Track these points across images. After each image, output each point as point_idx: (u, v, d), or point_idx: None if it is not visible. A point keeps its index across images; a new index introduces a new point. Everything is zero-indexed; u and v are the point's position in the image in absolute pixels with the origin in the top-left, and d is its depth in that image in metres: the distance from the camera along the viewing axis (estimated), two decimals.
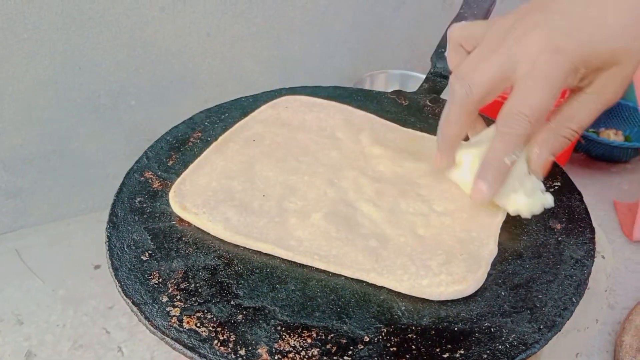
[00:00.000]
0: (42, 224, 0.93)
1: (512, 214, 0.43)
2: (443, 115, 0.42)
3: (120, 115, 0.92)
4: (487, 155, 0.40)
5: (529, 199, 0.42)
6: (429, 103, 0.61)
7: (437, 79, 0.63)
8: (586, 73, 0.38)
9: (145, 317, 0.36)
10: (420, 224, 0.43)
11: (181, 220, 0.44)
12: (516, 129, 0.38)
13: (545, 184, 0.49)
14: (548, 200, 0.43)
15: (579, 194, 0.48)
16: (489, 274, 0.40)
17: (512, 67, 0.37)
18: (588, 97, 0.39)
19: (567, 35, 0.37)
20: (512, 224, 0.45)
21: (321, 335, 0.35)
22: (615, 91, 0.39)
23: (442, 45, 0.63)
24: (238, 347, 0.35)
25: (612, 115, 1.25)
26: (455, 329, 0.36)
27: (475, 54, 0.40)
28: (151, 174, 0.50)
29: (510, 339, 0.35)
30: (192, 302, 0.38)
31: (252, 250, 0.42)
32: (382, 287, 0.39)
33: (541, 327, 0.36)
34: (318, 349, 0.35)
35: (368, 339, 0.35)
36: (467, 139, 0.46)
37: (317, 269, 0.40)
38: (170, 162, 0.51)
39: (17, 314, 0.74)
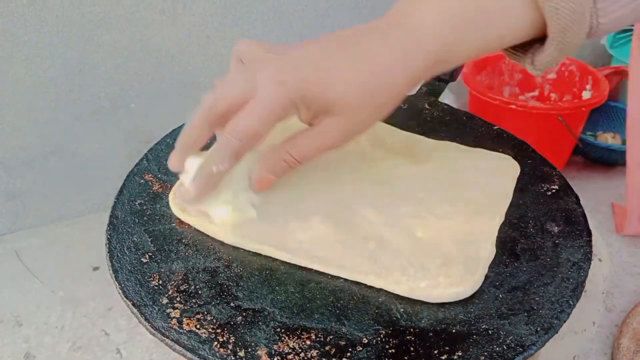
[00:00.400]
0: (41, 225, 0.94)
1: (218, 224, 0.43)
2: (187, 121, 0.43)
3: (119, 117, 0.92)
4: (203, 161, 0.42)
5: (236, 212, 0.43)
6: (427, 106, 0.62)
7: (436, 83, 0.64)
8: (314, 112, 0.40)
9: (145, 319, 0.37)
10: (419, 226, 0.43)
11: (181, 222, 0.45)
12: (226, 144, 0.40)
13: (543, 187, 0.50)
14: (251, 213, 0.44)
15: (576, 196, 0.49)
16: (487, 277, 0.40)
17: (252, 90, 0.39)
18: (313, 134, 0.41)
19: (292, 72, 0.38)
20: (510, 226, 0.45)
21: (320, 337, 0.36)
22: (335, 138, 0.41)
23: None
24: (237, 348, 0.35)
25: (609, 118, 1.26)
26: (453, 331, 0.36)
27: (234, 69, 0.42)
28: (151, 177, 0.50)
29: (508, 341, 0.36)
30: (192, 304, 0.38)
31: (252, 252, 0.42)
32: (380, 289, 0.39)
33: (538, 329, 0.36)
34: (317, 351, 0.35)
35: (366, 341, 0.36)
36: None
37: (316, 271, 0.40)
38: None
39: (16, 315, 0.74)
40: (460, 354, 0.35)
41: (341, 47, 0.40)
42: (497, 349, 0.35)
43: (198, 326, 0.36)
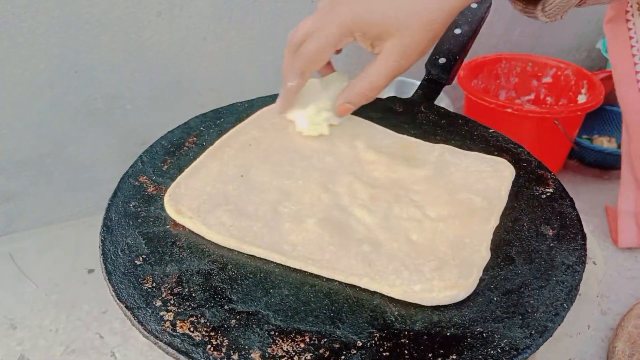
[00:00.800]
0: (36, 227, 0.93)
1: (297, 129, 0.54)
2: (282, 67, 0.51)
3: (115, 119, 0.92)
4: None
5: (312, 125, 0.53)
6: (423, 109, 0.62)
7: (432, 86, 0.64)
8: (369, 38, 0.46)
9: (139, 322, 0.36)
10: (414, 229, 0.43)
11: (175, 224, 0.45)
12: (295, 64, 0.48)
13: (538, 190, 0.50)
14: (324, 130, 0.53)
15: (571, 200, 0.49)
16: (481, 280, 0.40)
17: (316, 26, 0.47)
18: (377, 62, 0.47)
19: (347, 4, 0.45)
20: (505, 229, 0.45)
21: (314, 340, 0.36)
22: (397, 60, 0.46)
23: (436, 52, 0.64)
24: (231, 351, 0.35)
25: (605, 122, 1.26)
26: (448, 334, 0.36)
27: (304, 21, 0.49)
28: (146, 179, 0.50)
29: (502, 344, 0.35)
30: (186, 307, 0.38)
31: (246, 254, 0.42)
32: (375, 292, 0.39)
33: (533, 332, 0.36)
34: (311, 354, 0.35)
35: (361, 344, 0.35)
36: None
37: (310, 274, 0.40)
38: (165, 167, 0.51)
39: (10, 318, 0.74)
40: (454, 357, 0.35)
41: None
42: (492, 352, 0.35)
43: (192, 329, 0.36)
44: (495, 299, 0.39)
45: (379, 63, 0.47)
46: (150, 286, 0.39)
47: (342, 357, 0.35)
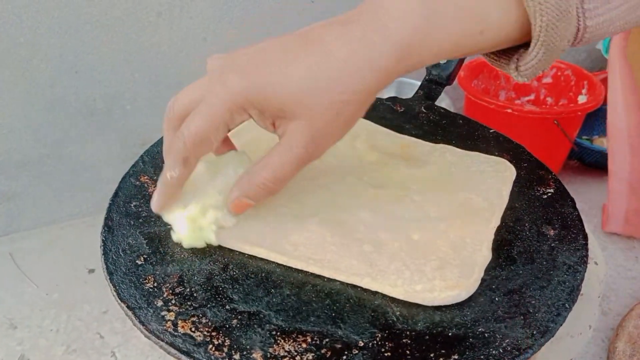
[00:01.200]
0: (36, 227, 0.93)
1: (174, 238, 0.42)
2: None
3: (115, 119, 0.92)
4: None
5: (195, 231, 0.41)
6: (423, 110, 0.62)
7: (432, 86, 0.64)
8: (269, 117, 0.37)
9: (140, 322, 0.36)
10: (415, 229, 0.43)
11: None
12: (174, 148, 0.38)
13: (538, 190, 0.50)
14: (210, 238, 0.41)
15: (572, 200, 0.49)
16: (483, 280, 0.40)
17: (204, 93, 0.37)
18: (280, 148, 0.38)
19: (236, 72, 0.36)
20: (506, 230, 0.45)
21: (316, 340, 0.36)
22: (304, 146, 0.37)
23: None
24: (233, 351, 0.35)
25: (605, 123, 1.26)
26: (450, 334, 0.36)
27: (190, 86, 0.40)
28: (147, 178, 0.50)
29: (504, 344, 0.35)
30: (187, 307, 0.38)
31: (248, 254, 0.42)
32: (376, 292, 0.39)
33: (534, 332, 0.36)
34: (313, 354, 0.35)
35: (362, 344, 0.35)
36: None
37: (312, 274, 0.40)
38: None
39: (10, 318, 0.74)
40: (456, 357, 0.35)
41: (296, 41, 0.36)
42: (494, 352, 0.35)
43: (193, 329, 0.36)
44: (496, 299, 0.39)
45: (283, 149, 0.37)
46: (151, 286, 0.39)
47: (344, 357, 0.35)
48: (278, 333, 0.36)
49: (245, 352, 0.35)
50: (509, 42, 0.36)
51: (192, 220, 0.41)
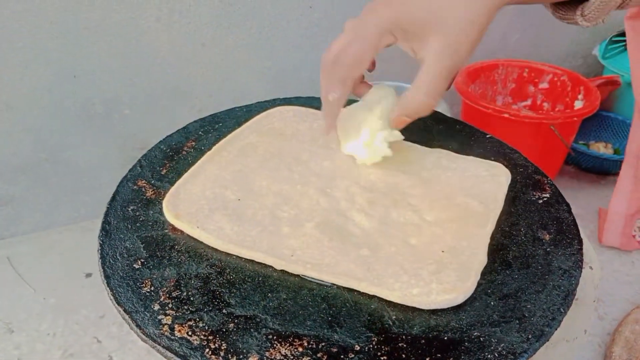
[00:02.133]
0: (34, 232, 0.93)
1: (359, 162, 0.51)
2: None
3: (113, 124, 0.92)
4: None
5: (372, 152, 0.50)
6: None
7: None
8: (411, 37, 0.44)
9: (137, 325, 0.37)
10: (412, 233, 0.44)
11: (174, 228, 0.45)
12: (333, 73, 0.45)
13: (534, 195, 0.50)
14: (386, 152, 0.50)
15: (567, 205, 0.49)
16: (479, 284, 0.40)
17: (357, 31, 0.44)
18: (428, 66, 0.43)
19: (386, 4, 0.43)
20: (501, 234, 0.45)
21: (312, 344, 0.36)
22: (450, 57, 0.43)
23: None
24: (229, 355, 0.35)
25: (602, 128, 1.27)
26: (445, 338, 0.36)
27: (336, 39, 0.46)
28: (145, 183, 0.50)
29: (499, 349, 0.36)
30: (184, 311, 0.38)
31: (245, 259, 0.42)
32: (373, 296, 0.39)
33: (529, 336, 0.37)
34: (309, 358, 0.35)
35: (359, 348, 0.36)
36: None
37: (309, 278, 0.40)
38: (164, 171, 0.51)
39: (7, 322, 0.74)
40: None
41: None
42: (489, 356, 0.35)
43: (190, 333, 0.36)
44: (492, 303, 0.39)
45: (429, 67, 0.43)
46: (148, 290, 0.39)
47: None
48: (274, 337, 0.36)
49: (241, 356, 0.35)
50: None
51: (367, 144, 0.49)
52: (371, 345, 0.36)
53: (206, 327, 0.36)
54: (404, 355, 0.35)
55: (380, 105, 0.49)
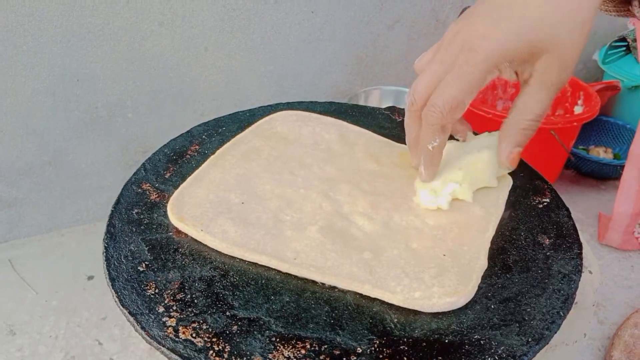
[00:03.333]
0: (36, 234, 0.94)
1: (415, 201, 0.48)
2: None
3: (117, 127, 0.93)
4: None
5: (432, 195, 0.47)
6: None
7: None
8: (518, 66, 0.40)
9: (142, 327, 0.37)
10: (413, 237, 0.44)
11: (178, 231, 0.45)
12: (430, 120, 0.42)
13: (534, 200, 0.50)
14: (443, 205, 0.47)
15: (567, 209, 0.49)
16: (479, 288, 0.40)
17: (445, 71, 0.40)
18: (532, 87, 0.41)
19: (482, 36, 0.39)
20: (502, 238, 0.46)
21: (315, 347, 0.36)
22: (558, 75, 0.40)
23: None
24: (233, 357, 0.35)
25: (601, 133, 1.28)
26: (446, 341, 0.37)
27: (422, 75, 0.43)
28: (149, 186, 0.50)
29: (499, 351, 0.36)
30: (188, 313, 0.38)
31: (248, 261, 0.42)
32: (375, 299, 0.40)
33: (529, 339, 0.37)
34: None
35: (361, 350, 0.36)
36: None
37: (311, 281, 0.41)
38: (168, 175, 0.52)
39: (9, 324, 0.74)
40: None
41: None
42: (489, 359, 0.36)
43: (194, 335, 0.36)
44: (492, 306, 0.40)
45: (535, 88, 0.40)
46: (153, 292, 0.40)
47: None
48: (277, 339, 0.36)
49: (245, 358, 0.35)
50: None
51: (434, 191, 0.47)
52: (373, 348, 0.36)
53: (210, 329, 0.37)
54: (405, 358, 0.36)
55: (471, 156, 0.47)
